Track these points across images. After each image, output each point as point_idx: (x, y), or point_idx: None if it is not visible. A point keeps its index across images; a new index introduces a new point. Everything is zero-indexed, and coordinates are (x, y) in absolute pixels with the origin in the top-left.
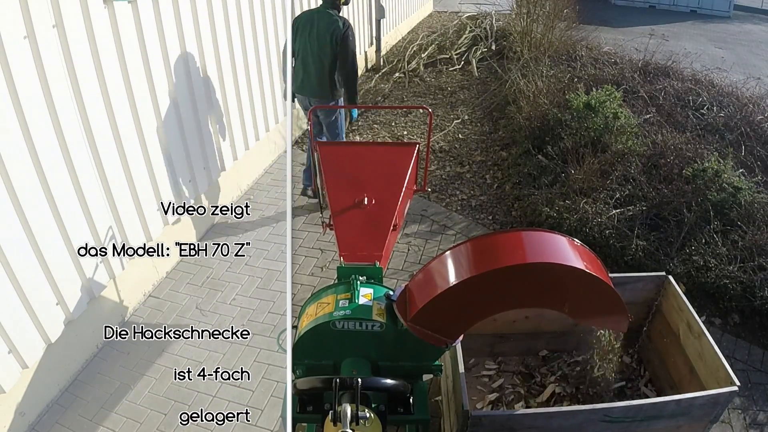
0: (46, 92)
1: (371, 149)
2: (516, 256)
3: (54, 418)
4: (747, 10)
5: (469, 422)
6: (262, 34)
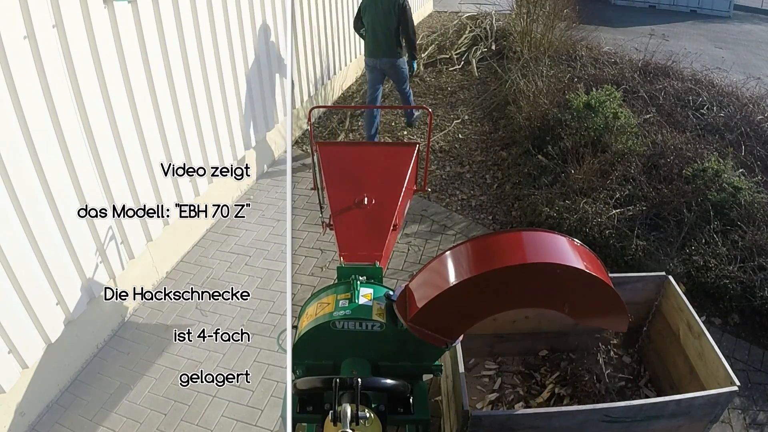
0: (46, 92)
1: (371, 149)
2: (516, 256)
3: (54, 418)
4: (747, 10)
5: (469, 422)
6: (263, 34)
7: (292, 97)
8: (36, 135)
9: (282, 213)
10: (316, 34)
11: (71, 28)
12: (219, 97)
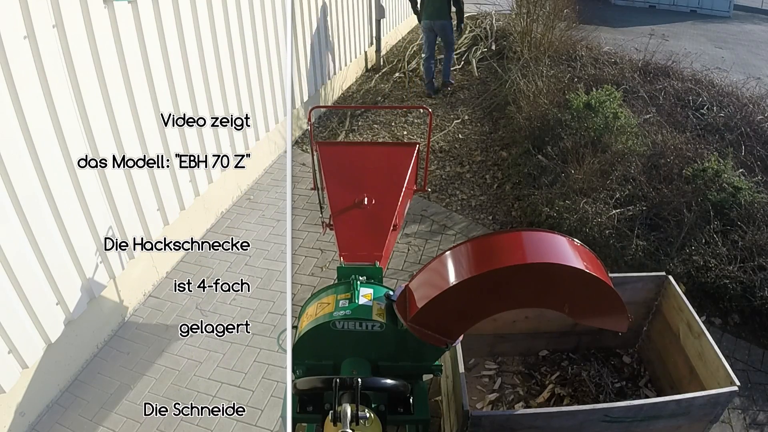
0: (46, 92)
1: (371, 149)
2: (516, 256)
3: (54, 418)
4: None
5: (469, 422)
6: (263, 34)
7: (292, 97)
8: (36, 135)
9: (282, 213)
10: (316, 34)
11: (71, 28)
12: (219, 97)
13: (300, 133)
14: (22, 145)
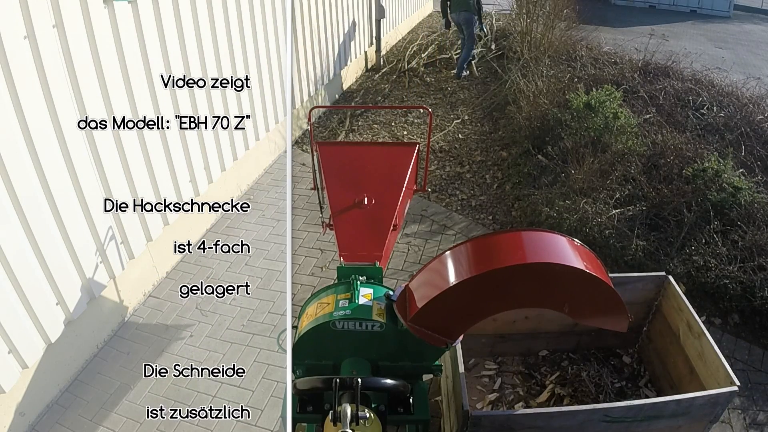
0: (46, 92)
1: (371, 149)
2: (516, 256)
3: (54, 418)
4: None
5: (469, 422)
6: (262, 34)
7: (292, 97)
8: (36, 135)
9: (282, 213)
10: (316, 34)
11: (71, 28)
12: (219, 97)
13: (300, 133)
14: (22, 145)
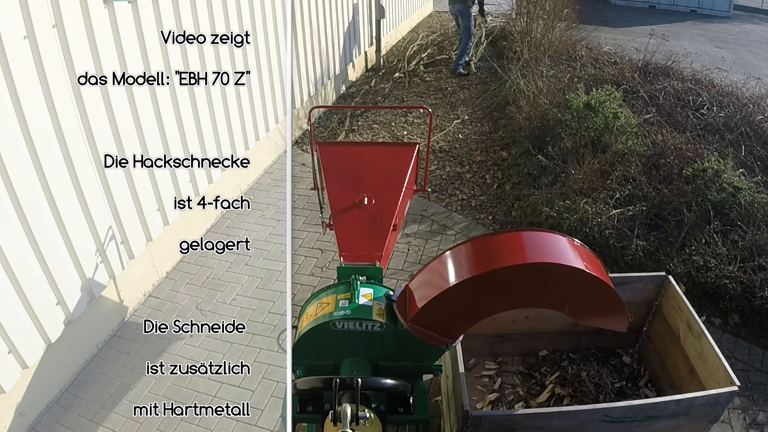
0: (46, 92)
1: (371, 149)
2: (516, 256)
3: (54, 418)
4: (747, 10)
5: (469, 422)
6: (262, 34)
7: (292, 97)
8: (36, 135)
9: (282, 213)
10: (316, 34)
11: (71, 28)
12: (219, 97)
13: (300, 133)
14: (22, 145)
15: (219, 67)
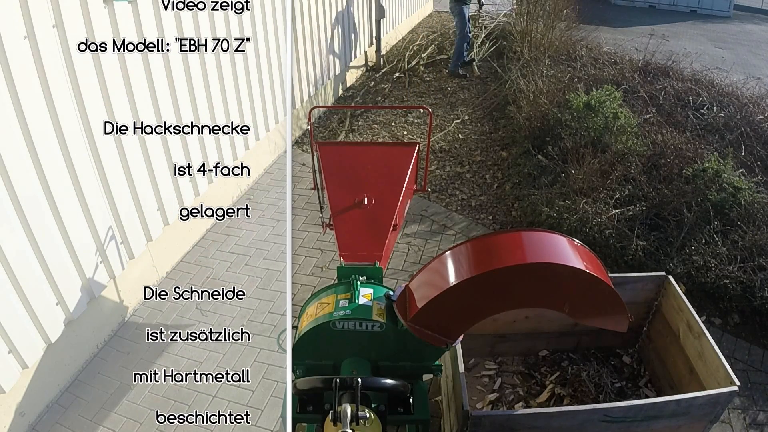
0: (46, 92)
1: (371, 149)
2: (516, 256)
3: (54, 418)
4: (747, 10)
5: (469, 422)
6: (262, 34)
7: (292, 97)
8: (36, 135)
9: (282, 213)
10: (316, 34)
11: (71, 28)
12: (219, 97)
13: (300, 133)
14: (22, 145)
15: (220, 67)
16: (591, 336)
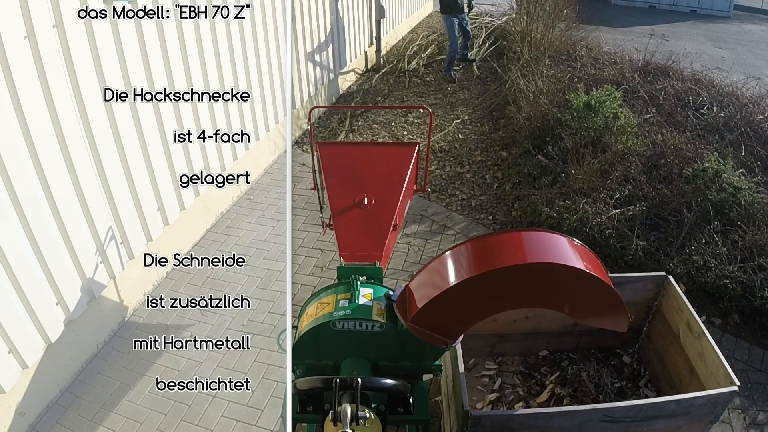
0: (46, 92)
1: (371, 149)
2: (516, 256)
3: (54, 418)
4: (747, 10)
5: (469, 422)
6: (262, 34)
7: (292, 97)
8: (36, 135)
9: (282, 213)
10: (316, 34)
11: (71, 28)
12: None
13: (300, 133)
14: (22, 145)
15: (220, 67)
16: (591, 336)
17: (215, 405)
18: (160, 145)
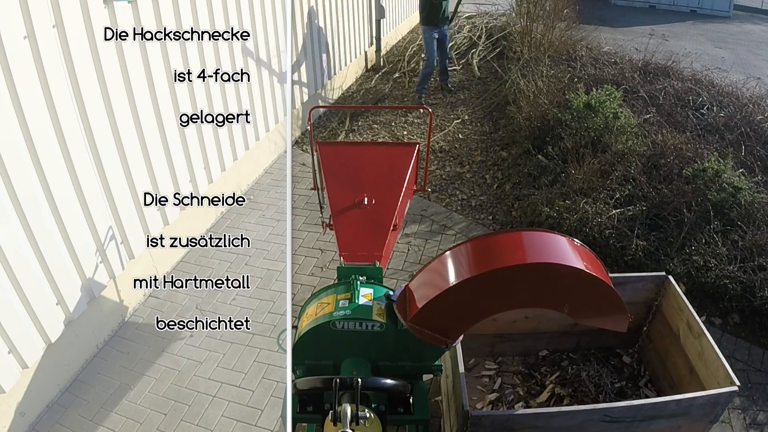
0: (46, 92)
1: (371, 149)
2: (516, 256)
3: (54, 418)
4: (747, 10)
5: (469, 422)
6: (262, 34)
7: (292, 97)
8: (36, 135)
9: (282, 213)
10: (316, 34)
11: (71, 28)
12: (219, 97)
13: (300, 133)
14: (22, 145)
15: (219, 66)
16: (591, 336)
17: (215, 405)
18: (161, 144)
